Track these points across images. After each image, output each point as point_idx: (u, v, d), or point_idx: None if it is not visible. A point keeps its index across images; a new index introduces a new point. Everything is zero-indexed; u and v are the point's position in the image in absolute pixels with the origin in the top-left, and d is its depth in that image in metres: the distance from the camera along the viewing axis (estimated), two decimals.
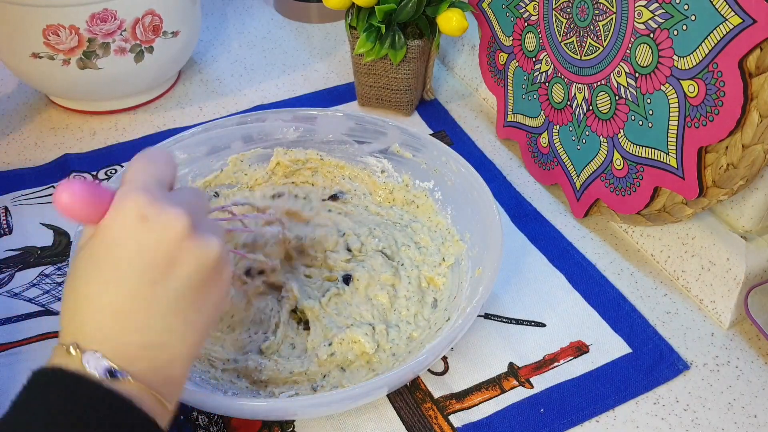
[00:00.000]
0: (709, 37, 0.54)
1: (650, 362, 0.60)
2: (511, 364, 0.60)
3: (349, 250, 0.66)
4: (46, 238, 0.71)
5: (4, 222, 0.72)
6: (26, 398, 0.38)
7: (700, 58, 0.56)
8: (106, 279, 0.39)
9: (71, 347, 0.39)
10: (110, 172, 0.78)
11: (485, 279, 0.56)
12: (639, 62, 0.61)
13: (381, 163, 0.71)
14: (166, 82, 0.91)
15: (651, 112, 0.62)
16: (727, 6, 0.52)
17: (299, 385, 0.57)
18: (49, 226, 0.72)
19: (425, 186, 0.70)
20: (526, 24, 0.75)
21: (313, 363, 0.57)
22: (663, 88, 0.60)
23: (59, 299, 0.65)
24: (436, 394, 0.58)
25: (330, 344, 0.58)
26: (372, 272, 0.63)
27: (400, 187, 0.71)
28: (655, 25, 0.59)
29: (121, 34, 0.78)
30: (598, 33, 0.65)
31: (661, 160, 0.62)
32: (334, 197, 0.72)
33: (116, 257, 0.40)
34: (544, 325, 0.63)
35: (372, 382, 0.51)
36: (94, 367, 0.38)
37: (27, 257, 0.69)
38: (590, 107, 0.69)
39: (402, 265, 0.65)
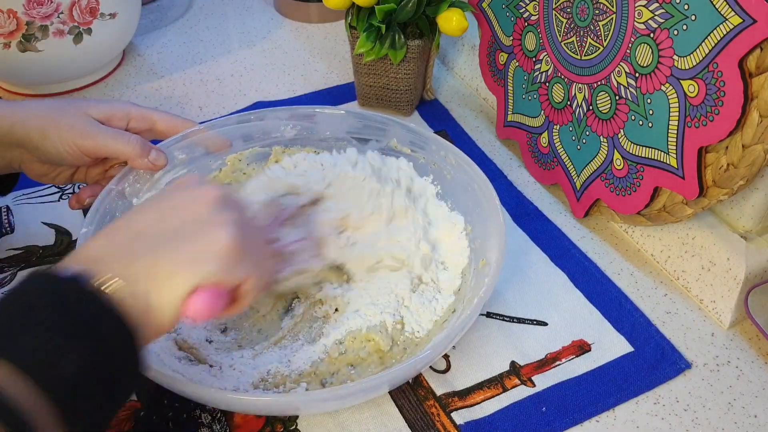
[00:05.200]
0: (709, 37, 0.55)
1: (652, 361, 0.60)
2: (513, 363, 0.60)
3: None
4: (48, 237, 0.71)
5: (6, 221, 0.72)
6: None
7: (700, 58, 0.56)
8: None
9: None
10: None
11: (487, 278, 0.56)
12: (639, 62, 0.62)
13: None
14: (109, 64, 0.94)
15: (651, 112, 0.62)
16: (727, 6, 0.53)
17: (309, 384, 0.57)
18: (50, 225, 0.72)
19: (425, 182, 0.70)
20: (526, 24, 0.75)
21: (323, 362, 0.57)
22: (663, 87, 0.60)
23: None
24: (439, 392, 0.58)
25: (341, 342, 0.58)
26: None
27: None
28: (655, 25, 0.59)
29: (58, 17, 0.81)
30: (598, 33, 0.65)
31: (661, 160, 0.62)
32: None
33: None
34: (546, 324, 0.63)
35: (373, 379, 0.51)
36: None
37: (29, 256, 0.69)
38: (590, 107, 0.69)
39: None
